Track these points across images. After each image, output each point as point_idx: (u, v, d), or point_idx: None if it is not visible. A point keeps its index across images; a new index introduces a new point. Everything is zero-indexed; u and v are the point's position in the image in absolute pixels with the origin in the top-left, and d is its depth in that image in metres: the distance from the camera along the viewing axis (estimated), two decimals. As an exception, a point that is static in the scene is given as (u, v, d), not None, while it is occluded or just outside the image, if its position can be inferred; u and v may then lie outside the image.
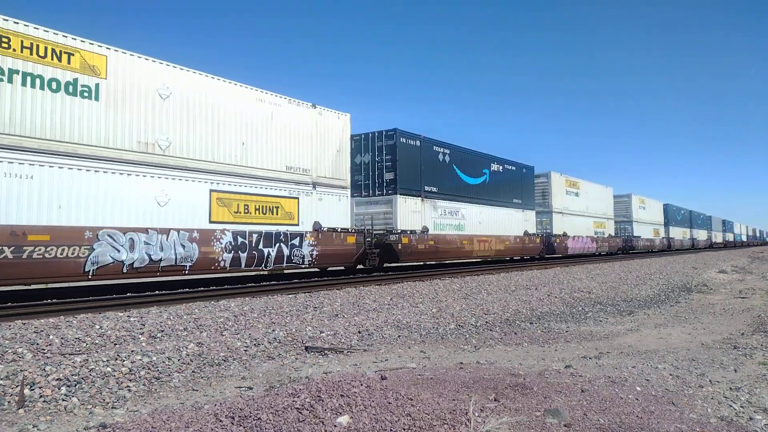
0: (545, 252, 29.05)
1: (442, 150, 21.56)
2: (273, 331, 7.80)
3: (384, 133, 19.31)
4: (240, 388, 5.37)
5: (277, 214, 14.25)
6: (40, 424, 4.24)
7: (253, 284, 13.75)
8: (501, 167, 25.70)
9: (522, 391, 4.50)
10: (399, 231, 18.43)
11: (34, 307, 9.10)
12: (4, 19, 9.46)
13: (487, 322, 9.76)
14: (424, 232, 19.76)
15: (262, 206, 13.90)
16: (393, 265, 19.59)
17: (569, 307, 12.07)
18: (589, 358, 6.46)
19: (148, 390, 5.30)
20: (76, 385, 5.11)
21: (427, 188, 20.36)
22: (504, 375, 5.09)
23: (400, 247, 18.09)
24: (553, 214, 30.75)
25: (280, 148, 14.56)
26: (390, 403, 3.83)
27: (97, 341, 6.91)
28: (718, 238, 79.02)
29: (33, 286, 11.62)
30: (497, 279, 17.33)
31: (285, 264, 14.11)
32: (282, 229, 14.20)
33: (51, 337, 6.92)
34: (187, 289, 12.55)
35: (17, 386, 4.89)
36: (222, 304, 10.20)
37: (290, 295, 11.81)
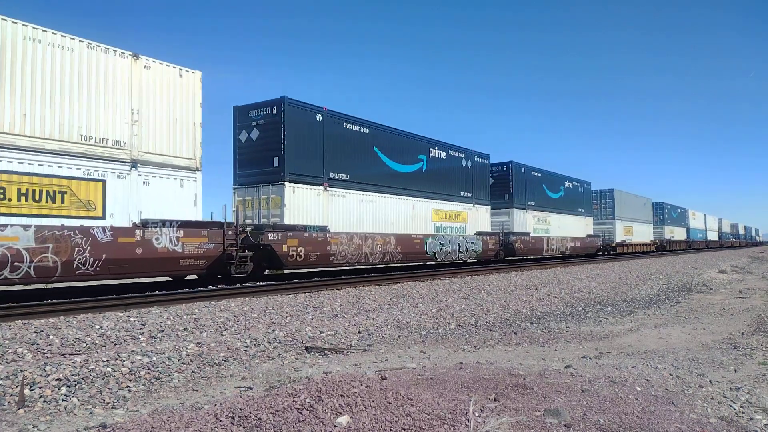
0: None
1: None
2: (273, 331, 7.80)
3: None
4: (240, 388, 5.38)
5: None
6: (40, 424, 4.24)
7: (252, 284, 13.74)
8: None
9: (522, 391, 4.50)
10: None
11: (34, 307, 9.10)
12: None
13: (487, 322, 9.76)
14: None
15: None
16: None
17: (569, 307, 12.08)
18: (589, 358, 6.47)
19: (148, 390, 5.30)
20: (76, 385, 5.11)
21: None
22: (504, 375, 5.09)
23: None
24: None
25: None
26: (390, 403, 3.83)
27: (97, 341, 6.91)
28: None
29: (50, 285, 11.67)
30: (497, 279, 17.34)
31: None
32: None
33: (51, 337, 6.92)
34: (187, 289, 12.54)
35: (17, 386, 4.89)
36: (222, 304, 10.21)
37: (290, 295, 11.82)
